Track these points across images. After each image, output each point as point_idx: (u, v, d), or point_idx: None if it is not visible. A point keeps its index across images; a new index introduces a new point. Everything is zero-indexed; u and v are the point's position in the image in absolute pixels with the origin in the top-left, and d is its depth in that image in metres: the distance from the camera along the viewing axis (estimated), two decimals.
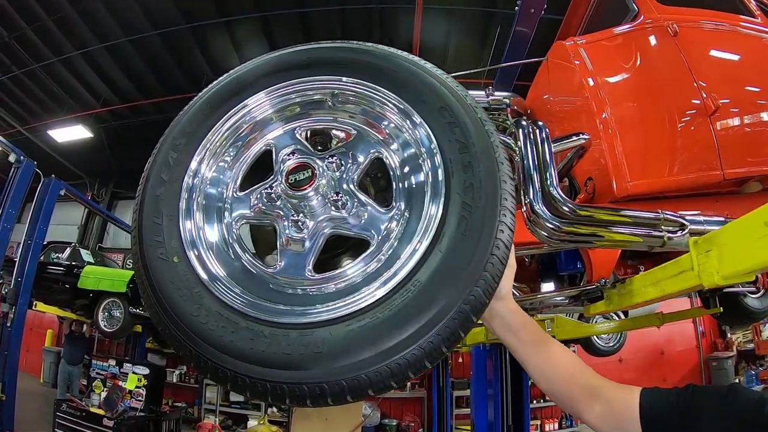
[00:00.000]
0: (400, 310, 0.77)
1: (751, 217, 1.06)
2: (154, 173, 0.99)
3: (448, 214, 0.83)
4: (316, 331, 0.79)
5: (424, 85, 0.96)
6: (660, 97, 1.90)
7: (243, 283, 0.91)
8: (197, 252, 0.92)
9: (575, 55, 2.05)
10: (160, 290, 0.87)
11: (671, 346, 9.95)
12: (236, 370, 0.79)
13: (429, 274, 0.79)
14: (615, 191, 1.78)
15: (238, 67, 1.13)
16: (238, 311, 0.84)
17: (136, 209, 0.97)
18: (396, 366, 0.74)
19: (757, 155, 1.80)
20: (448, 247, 0.80)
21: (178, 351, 0.87)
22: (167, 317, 0.85)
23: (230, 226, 1.01)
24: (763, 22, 2.18)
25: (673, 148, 1.82)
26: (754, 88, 1.93)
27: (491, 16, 8.09)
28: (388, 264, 0.86)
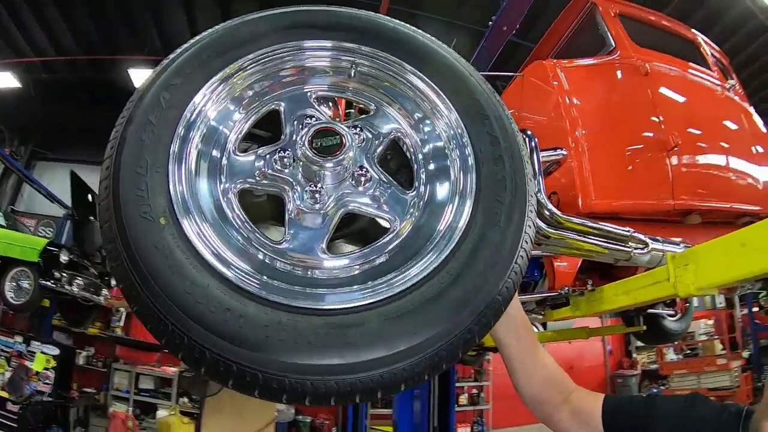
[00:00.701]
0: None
1: (729, 238, 1.22)
2: (140, 114, 0.81)
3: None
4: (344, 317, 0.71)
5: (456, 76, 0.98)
6: (627, 128, 2.09)
7: (249, 260, 0.79)
8: (191, 216, 0.77)
9: (554, 76, 2.18)
10: (141, 258, 0.70)
11: (580, 362, 10.56)
12: (246, 363, 0.66)
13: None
14: (580, 207, 1.90)
15: (250, 15, 1.00)
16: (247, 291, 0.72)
17: (110, 155, 0.79)
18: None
19: (702, 191, 2.05)
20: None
21: (161, 337, 0.70)
22: (150, 294, 0.69)
23: (227, 190, 0.88)
24: (719, 76, 2.46)
25: (635, 175, 2.01)
26: (706, 133, 2.19)
27: (451, 27, 7.89)
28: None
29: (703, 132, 2.25)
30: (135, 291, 0.70)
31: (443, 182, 0.91)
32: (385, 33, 1.01)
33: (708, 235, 2.12)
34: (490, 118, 0.91)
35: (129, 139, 0.79)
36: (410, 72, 0.97)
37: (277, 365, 0.66)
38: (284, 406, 7.34)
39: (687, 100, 2.35)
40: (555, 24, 2.91)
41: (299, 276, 0.81)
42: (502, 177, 0.85)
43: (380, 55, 0.99)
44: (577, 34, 2.76)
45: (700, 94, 2.42)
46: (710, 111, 2.42)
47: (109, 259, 0.75)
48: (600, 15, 2.42)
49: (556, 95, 2.12)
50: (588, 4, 2.51)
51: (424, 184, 0.93)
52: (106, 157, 0.80)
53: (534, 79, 2.33)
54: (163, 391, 7.51)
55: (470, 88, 0.96)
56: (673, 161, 2.01)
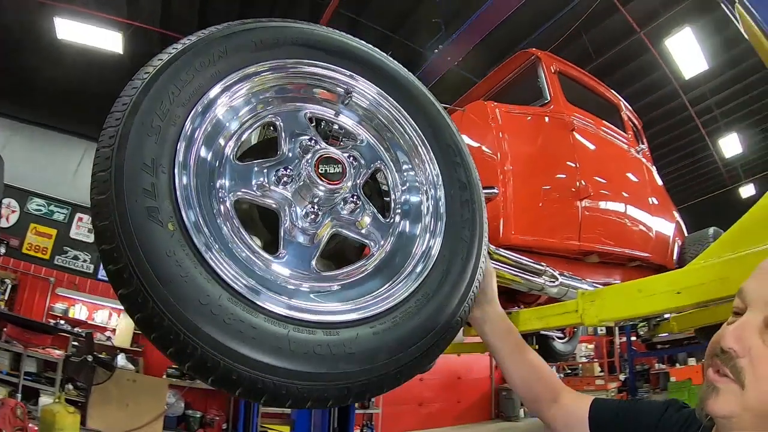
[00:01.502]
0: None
1: (630, 284, 1.53)
2: (146, 103, 0.76)
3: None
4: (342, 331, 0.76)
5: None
6: (550, 174, 2.37)
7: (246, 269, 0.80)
8: (194, 219, 0.75)
9: (494, 117, 2.41)
10: (153, 265, 0.67)
11: (468, 373, 11.06)
12: (265, 372, 0.69)
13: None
14: (500, 238, 2.14)
15: (269, 20, 0.98)
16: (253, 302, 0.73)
17: (111, 146, 0.73)
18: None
19: (604, 236, 2.38)
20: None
21: (168, 347, 0.68)
22: (161, 303, 0.66)
23: (224, 199, 0.87)
24: (632, 139, 2.86)
25: (551, 215, 2.29)
26: (613, 187, 2.55)
27: (389, 40, 7.63)
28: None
29: (610, 186, 2.60)
30: (144, 301, 0.67)
31: (417, 218, 1.00)
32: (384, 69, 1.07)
33: (602, 273, 2.49)
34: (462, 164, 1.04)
35: (134, 132, 0.74)
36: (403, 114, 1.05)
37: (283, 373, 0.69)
38: (174, 399, 7.09)
39: (602, 156, 2.69)
40: (499, 68, 3.16)
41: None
42: (469, 217, 0.98)
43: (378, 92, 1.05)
44: (516, 81, 3.01)
45: (614, 153, 2.79)
46: (619, 168, 2.81)
47: (106, 261, 0.70)
48: (542, 69, 2.70)
49: (493, 135, 2.31)
50: (533, 57, 2.79)
51: (400, 215, 1.02)
52: (105, 146, 0.74)
53: (474, 116, 2.50)
54: (47, 376, 6.61)
55: (449, 133, 1.08)
56: (583, 208, 2.32)
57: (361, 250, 1.05)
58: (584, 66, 7.60)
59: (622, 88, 8.48)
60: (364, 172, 1.02)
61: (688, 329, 3.50)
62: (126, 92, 0.78)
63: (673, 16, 7.29)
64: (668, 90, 9.10)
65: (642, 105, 9.21)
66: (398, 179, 1.06)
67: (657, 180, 3.30)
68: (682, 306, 1.67)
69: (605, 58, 7.90)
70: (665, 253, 3.02)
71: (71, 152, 8.11)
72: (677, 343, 8.59)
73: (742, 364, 0.64)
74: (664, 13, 7.29)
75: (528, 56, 2.83)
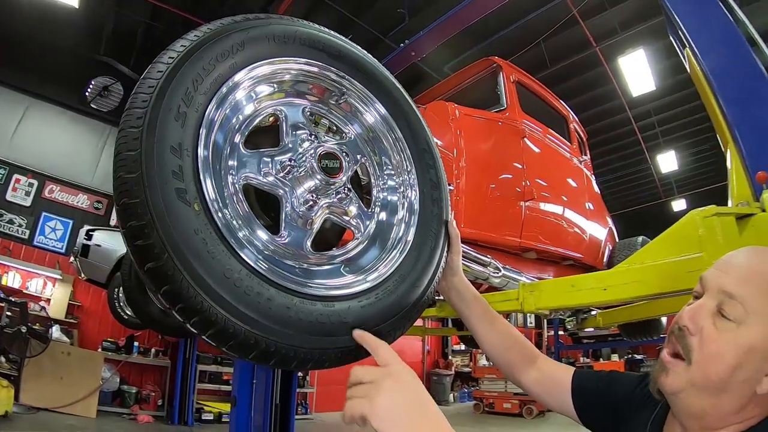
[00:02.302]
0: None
1: (565, 279, 1.76)
2: (172, 88, 0.80)
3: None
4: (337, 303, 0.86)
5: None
6: (499, 174, 2.57)
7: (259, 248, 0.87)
8: (215, 200, 0.81)
9: (453, 117, 2.56)
10: (183, 242, 0.72)
11: (401, 357, 11.41)
12: (278, 338, 0.77)
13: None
14: None
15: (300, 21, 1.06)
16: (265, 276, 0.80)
17: (140, 127, 0.76)
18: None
19: (541, 235, 2.62)
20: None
21: (192, 317, 0.73)
22: (191, 277, 0.72)
23: (235, 183, 0.93)
24: (577, 149, 3.12)
25: (497, 213, 2.49)
26: (555, 192, 2.79)
27: (351, 24, 7.52)
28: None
29: (552, 190, 2.85)
30: (171, 271, 0.71)
31: (395, 205, 1.12)
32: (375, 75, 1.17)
33: (538, 269, 2.74)
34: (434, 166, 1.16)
35: (163, 116, 0.77)
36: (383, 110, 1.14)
37: (298, 340, 0.79)
38: (109, 373, 6.94)
39: (547, 163, 2.93)
40: (461, 71, 3.35)
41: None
42: (438, 212, 1.11)
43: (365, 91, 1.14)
44: (475, 85, 3.19)
45: (558, 160, 3.04)
46: (562, 175, 3.07)
47: (134, 236, 0.73)
48: (502, 77, 2.89)
49: (451, 134, 2.47)
50: (494, 65, 2.98)
51: (380, 207, 1.13)
52: (133, 126, 0.77)
53: (435, 115, 2.63)
54: None
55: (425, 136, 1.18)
56: (526, 208, 2.54)
57: (340, 236, 1.16)
58: (539, 72, 8.06)
59: (573, 96, 9.00)
60: (353, 167, 1.12)
61: (611, 325, 3.87)
62: (151, 75, 0.81)
63: (630, 37, 7.72)
64: (616, 104, 9.70)
65: (590, 114, 9.78)
66: (379, 175, 1.16)
67: (595, 188, 3.61)
68: (606, 301, 1.95)
69: (560, 67, 8.30)
70: (596, 255, 3.34)
71: (11, 109, 7.57)
72: (602, 338, 9.28)
73: (693, 343, 0.74)
74: (622, 32, 7.71)
75: (490, 63, 3.02)
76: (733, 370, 0.70)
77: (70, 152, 8.09)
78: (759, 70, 1.92)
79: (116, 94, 8.25)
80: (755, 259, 0.75)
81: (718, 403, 0.72)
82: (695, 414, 0.75)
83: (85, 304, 7.58)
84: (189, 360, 7.51)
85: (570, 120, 3.51)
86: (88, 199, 8.18)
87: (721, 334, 0.71)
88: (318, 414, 9.10)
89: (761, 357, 0.69)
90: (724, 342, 0.71)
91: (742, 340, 0.70)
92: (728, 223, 1.70)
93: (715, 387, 0.71)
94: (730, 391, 0.71)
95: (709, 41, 2.04)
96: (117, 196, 0.74)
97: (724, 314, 0.72)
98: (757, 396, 0.70)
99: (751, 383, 0.70)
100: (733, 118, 1.87)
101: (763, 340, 0.69)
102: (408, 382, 0.72)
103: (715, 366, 0.71)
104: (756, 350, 0.69)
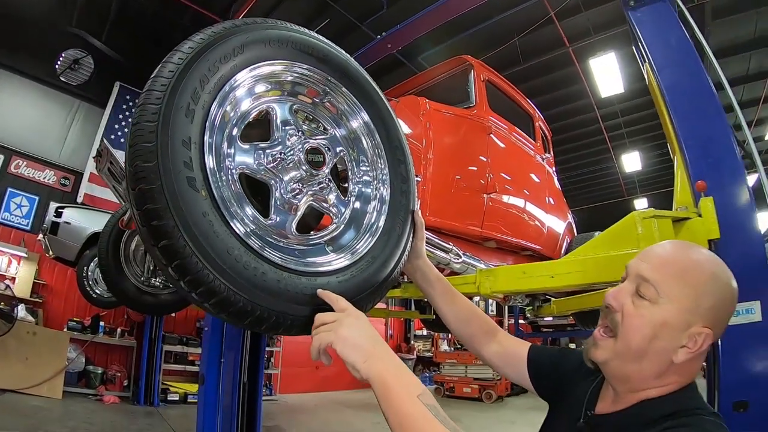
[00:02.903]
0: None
1: (517, 266, 1.98)
2: (183, 87, 0.90)
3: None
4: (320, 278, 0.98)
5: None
6: (464, 168, 2.73)
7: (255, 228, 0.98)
8: (217, 187, 0.92)
9: (424, 111, 2.70)
10: (193, 223, 0.83)
11: None
12: (270, 306, 0.88)
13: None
14: None
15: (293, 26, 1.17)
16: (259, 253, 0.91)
17: (155, 122, 0.85)
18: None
19: (502, 226, 2.81)
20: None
21: (198, 288, 0.84)
22: (200, 253, 0.82)
23: (232, 172, 1.03)
24: (540, 147, 3.32)
25: (460, 204, 2.65)
26: (517, 187, 2.99)
27: (326, 8, 7.54)
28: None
29: (514, 184, 3.03)
30: (182, 248, 0.82)
31: (369, 196, 1.26)
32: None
33: (497, 257, 2.94)
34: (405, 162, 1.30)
35: (175, 112, 0.87)
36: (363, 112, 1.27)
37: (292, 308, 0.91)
38: (75, 353, 6.87)
39: (510, 158, 3.11)
40: (434, 67, 3.48)
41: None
42: (405, 203, 1.25)
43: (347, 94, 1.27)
44: (447, 81, 3.33)
45: (521, 157, 3.23)
46: (524, 171, 3.27)
47: (150, 218, 0.82)
48: (473, 76, 3.04)
49: (421, 127, 2.61)
50: (467, 64, 3.12)
51: (355, 197, 1.26)
52: (148, 121, 0.86)
53: (406, 108, 2.76)
54: None
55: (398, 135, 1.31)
56: (488, 199, 2.72)
57: (318, 220, 1.28)
58: (513, 67, 8.25)
59: (544, 93, 9.29)
60: (334, 160, 1.24)
61: (565, 312, 4.14)
62: (162, 74, 0.91)
63: (602, 40, 7.96)
64: (584, 103, 10.04)
65: (560, 111, 10.11)
66: (355, 169, 1.29)
67: (556, 184, 3.83)
68: (553, 287, 2.16)
69: (533, 64, 8.53)
70: (554, 247, 3.57)
71: None
72: (560, 327, 9.72)
73: (618, 318, 0.86)
74: (595, 35, 7.96)
75: (463, 62, 3.16)
76: (649, 341, 0.82)
77: (38, 126, 7.84)
78: (709, 89, 2.13)
79: (87, 67, 8.03)
80: (670, 250, 0.87)
81: (640, 368, 0.84)
82: (621, 378, 0.87)
83: (50, 283, 7.42)
84: (155, 340, 7.47)
85: (536, 119, 3.70)
86: (55, 175, 7.96)
87: (638, 310, 0.83)
88: (282, 395, 9.21)
89: (674, 330, 0.81)
90: (640, 317, 0.83)
91: (656, 316, 0.81)
92: (665, 225, 1.92)
93: (636, 354, 0.83)
94: (648, 358, 0.83)
95: (667, 60, 2.24)
96: (133, 182, 0.84)
97: (641, 294, 0.84)
98: (675, 365, 0.82)
99: (668, 353, 0.82)
100: (681, 131, 2.09)
101: (674, 317, 0.81)
102: (363, 322, 0.86)
103: (634, 336, 0.83)
104: (669, 325, 0.81)
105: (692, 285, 0.82)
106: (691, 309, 0.81)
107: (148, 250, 0.86)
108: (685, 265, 0.84)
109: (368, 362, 0.79)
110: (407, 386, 0.75)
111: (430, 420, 0.70)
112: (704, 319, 0.81)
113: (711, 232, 1.84)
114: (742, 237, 1.85)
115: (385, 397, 0.74)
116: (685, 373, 0.84)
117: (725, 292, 0.83)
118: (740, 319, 1.75)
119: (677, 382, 0.84)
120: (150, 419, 6.15)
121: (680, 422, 0.77)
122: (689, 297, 0.81)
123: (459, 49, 7.64)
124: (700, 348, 0.81)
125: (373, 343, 0.82)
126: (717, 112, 2.06)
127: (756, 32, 7.84)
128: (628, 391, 0.87)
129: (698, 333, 0.81)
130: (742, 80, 9.32)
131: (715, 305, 0.81)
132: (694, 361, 0.83)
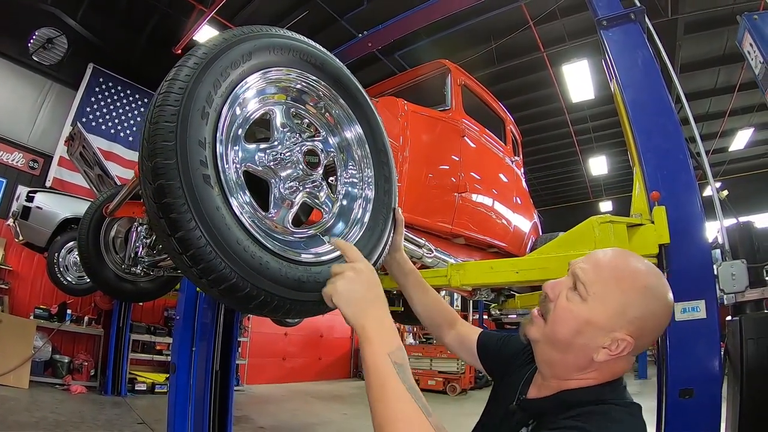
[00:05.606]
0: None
1: (485, 261, 2.14)
2: (199, 92, 0.97)
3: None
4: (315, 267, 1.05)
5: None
6: (437, 166, 2.87)
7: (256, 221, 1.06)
8: (227, 184, 0.99)
9: (402, 112, 2.81)
10: (208, 216, 0.90)
11: (330, 332, 11.54)
12: (271, 291, 0.95)
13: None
14: None
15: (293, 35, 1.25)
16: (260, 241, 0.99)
17: (175, 123, 0.92)
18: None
19: (471, 224, 2.98)
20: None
21: (209, 274, 0.90)
22: (213, 243, 0.89)
23: (238, 170, 1.10)
24: (510, 150, 3.50)
25: (433, 201, 2.79)
26: (486, 187, 3.17)
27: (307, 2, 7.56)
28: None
29: (483, 185, 3.21)
30: (198, 239, 0.89)
31: (355, 195, 1.36)
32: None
33: (465, 253, 3.11)
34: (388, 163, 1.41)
35: (193, 115, 0.95)
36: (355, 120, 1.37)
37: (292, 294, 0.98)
38: (41, 342, 6.72)
39: (481, 160, 3.28)
40: (412, 69, 3.61)
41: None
42: (387, 201, 1.35)
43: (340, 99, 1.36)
44: (425, 83, 3.46)
45: (491, 159, 3.41)
46: (494, 172, 3.45)
47: (168, 210, 0.89)
48: (450, 79, 3.17)
49: (399, 127, 2.71)
50: (445, 68, 3.26)
51: (343, 195, 1.35)
52: (168, 122, 0.92)
53: (385, 108, 2.83)
54: None
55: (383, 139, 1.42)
56: (459, 198, 2.88)
57: (308, 214, 1.40)
58: (488, 68, 8.47)
59: (517, 94, 9.58)
60: (325, 161, 1.35)
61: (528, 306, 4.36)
62: (179, 77, 0.97)
63: (576, 47, 8.30)
64: (555, 106, 10.40)
65: (531, 113, 10.45)
66: (344, 170, 1.39)
67: (523, 185, 4.04)
68: (518, 282, 2.36)
69: (507, 66, 8.79)
70: (520, 245, 3.77)
71: None
72: None
73: (550, 307, 0.91)
74: (569, 42, 8.27)
75: (441, 66, 3.30)
76: (573, 335, 0.86)
77: (7, 106, 7.58)
78: (669, 107, 2.33)
79: (60, 47, 7.83)
80: (611, 256, 0.91)
81: (564, 358, 0.89)
82: (547, 362, 0.94)
83: (16, 269, 7.23)
84: (122, 329, 7.38)
85: (507, 123, 3.89)
86: (24, 158, 7.73)
87: (568, 304, 0.88)
88: (249, 386, 9.21)
89: (597, 330, 0.85)
90: (568, 310, 0.88)
91: (583, 313, 0.86)
92: (619, 230, 2.11)
93: (561, 344, 0.89)
94: (572, 351, 0.88)
95: (631, 79, 2.42)
96: (153, 177, 0.90)
97: (575, 290, 0.89)
98: (595, 362, 0.86)
99: (589, 350, 0.86)
100: (641, 144, 2.27)
101: (599, 318, 0.84)
102: (366, 276, 0.92)
103: (560, 327, 0.88)
104: (593, 324, 0.85)
105: (623, 291, 0.84)
106: (617, 314, 0.84)
107: (162, 240, 0.95)
108: (622, 273, 0.86)
109: (355, 315, 0.86)
110: (381, 343, 0.81)
111: (390, 374, 0.77)
112: (628, 328, 0.83)
113: (662, 238, 2.03)
114: (690, 243, 2.03)
115: (363, 348, 0.82)
116: (606, 371, 0.88)
117: (656, 306, 0.85)
118: (687, 316, 1.94)
119: (597, 378, 0.88)
120: (118, 409, 6.08)
121: (588, 410, 0.83)
122: (618, 302, 0.84)
123: (436, 47, 7.83)
124: (620, 353, 0.85)
125: (364, 297, 0.89)
126: (675, 129, 2.25)
127: (726, 48, 8.29)
128: (552, 377, 0.94)
129: (621, 339, 0.84)
130: (710, 93, 9.83)
131: (642, 317, 0.84)
132: (615, 362, 0.87)
